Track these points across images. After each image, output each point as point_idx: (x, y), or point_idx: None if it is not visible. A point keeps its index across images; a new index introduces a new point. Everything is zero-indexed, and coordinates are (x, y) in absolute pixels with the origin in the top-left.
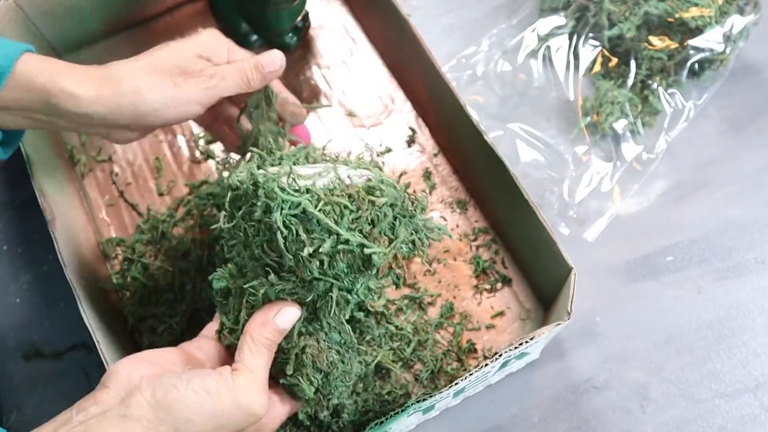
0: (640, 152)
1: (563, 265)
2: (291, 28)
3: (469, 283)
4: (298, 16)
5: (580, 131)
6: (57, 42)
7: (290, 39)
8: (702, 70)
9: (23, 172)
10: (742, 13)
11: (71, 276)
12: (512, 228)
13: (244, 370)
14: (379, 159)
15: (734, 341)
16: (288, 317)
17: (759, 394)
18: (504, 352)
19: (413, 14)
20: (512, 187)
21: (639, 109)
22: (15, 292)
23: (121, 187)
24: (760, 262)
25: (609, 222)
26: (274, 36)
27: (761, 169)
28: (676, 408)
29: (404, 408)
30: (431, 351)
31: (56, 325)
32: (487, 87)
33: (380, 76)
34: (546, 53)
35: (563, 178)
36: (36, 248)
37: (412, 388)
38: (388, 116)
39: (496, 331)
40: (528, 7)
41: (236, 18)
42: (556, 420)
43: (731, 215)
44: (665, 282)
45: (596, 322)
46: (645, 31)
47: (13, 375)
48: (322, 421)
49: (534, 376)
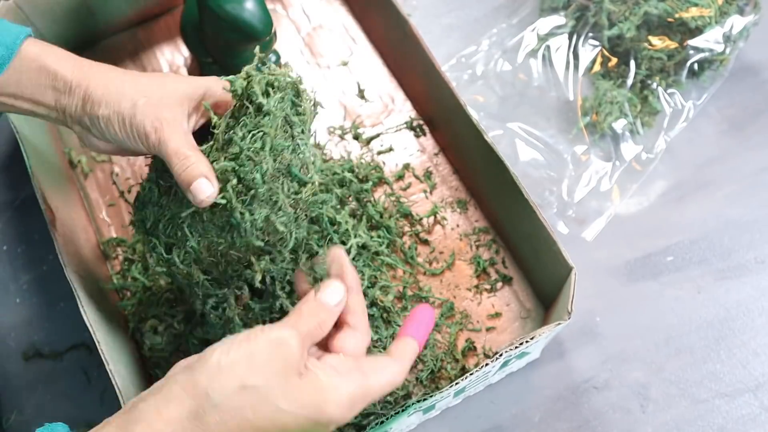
0: (640, 152)
1: (563, 264)
2: (255, 68)
3: (469, 283)
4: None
5: (579, 131)
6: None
7: None
8: (702, 70)
9: (23, 172)
10: (742, 14)
11: (71, 276)
12: (512, 227)
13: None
14: (380, 159)
15: (734, 341)
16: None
17: (759, 394)
18: (504, 352)
19: (413, 14)
20: (512, 186)
21: (638, 109)
22: (15, 292)
23: (121, 187)
24: (760, 262)
25: (608, 222)
26: (237, 73)
27: (761, 169)
28: (677, 408)
29: (405, 408)
30: (432, 351)
31: (56, 325)
32: (486, 86)
33: (380, 76)
34: (546, 53)
35: (562, 178)
36: (36, 248)
37: (413, 389)
38: (388, 116)
39: (496, 330)
40: (528, 7)
41: (200, 47)
42: (557, 420)
43: (731, 215)
44: (665, 282)
45: (596, 322)
46: (645, 31)
47: (13, 375)
48: None
49: (534, 376)
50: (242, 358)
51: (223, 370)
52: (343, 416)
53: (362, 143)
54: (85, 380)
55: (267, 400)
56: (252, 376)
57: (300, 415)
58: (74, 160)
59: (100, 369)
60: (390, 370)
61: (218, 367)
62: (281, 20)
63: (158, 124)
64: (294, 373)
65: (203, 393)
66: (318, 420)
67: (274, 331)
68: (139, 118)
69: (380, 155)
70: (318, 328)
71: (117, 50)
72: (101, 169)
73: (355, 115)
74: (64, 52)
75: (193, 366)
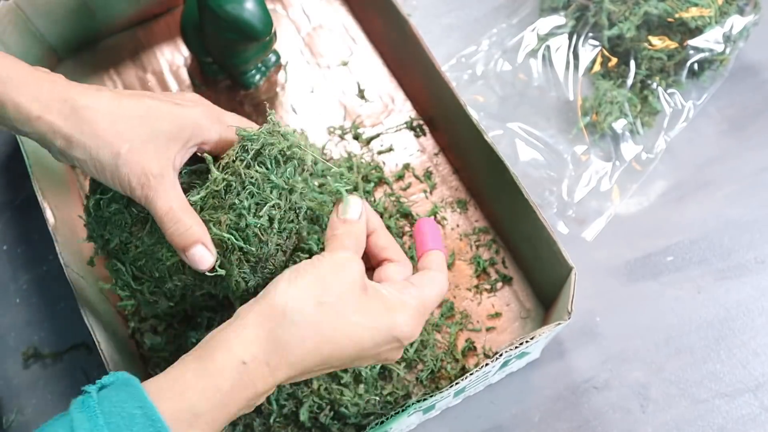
0: (640, 152)
1: (564, 264)
2: (254, 68)
3: (469, 283)
4: (262, 56)
5: (579, 131)
6: (57, 43)
7: (252, 77)
8: (702, 70)
9: (23, 172)
10: (742, 14)
11: (71, 276)
12: (512, 227)
13: None
14: (380, 159)
15: (734, 341)
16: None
17: (759, 394)
18: (504, 352)
19: (413, 14)
20: (512, 186)
21: (638, 108)
22: (15, 292)
23: None
24: (760, 262)
25: (608, 222)
26: (237, 73)
27: (761, 169)
28: (677, 408)
29: (405, 408)
30: (432, 351)
31: (56, 325)
32: (487, 86)
33: (380, 76)
34: (546, 53)
35: (562, 178)
36: (36, 248)
37: (413, 389)
38: (388, 116)
39: (496, 330)
40: (528, 7)
41: (200, 47)
42: (557, 420)
43: (731, 215)
44: (665, 282)
45: (596, 322)
46: (645, 31)
47: (13, 375)
48: (324, 423)
49: (534, 376)
50: (313, 279)
51: (298, 290)
52: (413, 330)
53: (362, 143)
54: (85, 380)
55: (343, 314)
56: (325, 294)
57: (374, 328)
58: None
59: (100, 369)
60: (437, 281)
61: (290, 290)
62: (281, 20)
63: (145, 179)
64: (361, 290)
65: (280, 313)
66: (391, 333)
67: (335, 254)
68: (123, 170)
69: (380, 155)
70: (357, 245)
71: (117, 50)
72: None
73: (355, 115)
74: (20, 64)
75: (263, 296)
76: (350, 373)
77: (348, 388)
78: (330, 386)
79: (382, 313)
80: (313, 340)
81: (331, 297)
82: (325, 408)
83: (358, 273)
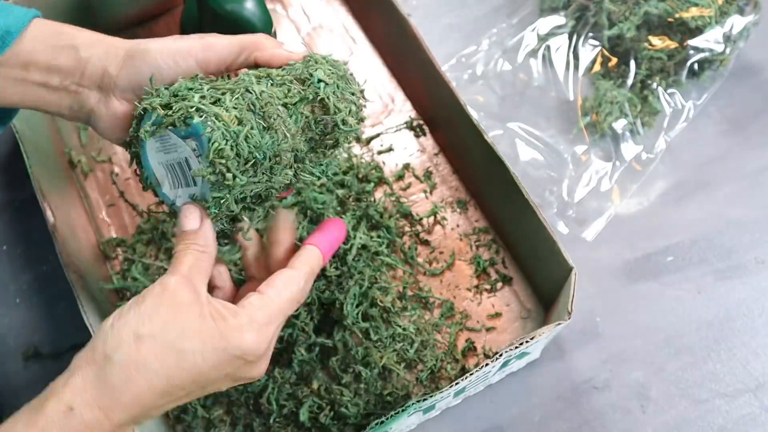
0: (640, 152)
1: (564, 264)
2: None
3: (469, 283)
4: None
5: (579, 131)
6: None
7: None
8: (702, 70)
9: (23, 172)
10: (742, 14)
11: (71, 276)
12: (512, 228)
13: None
14: (380, 159)
15: (734, 341)
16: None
17: (759, 394)
18: (504, 352)
19: (413, 14)
20: (512, 186)
21: (638, 109)
22: (15, 292)
23: (121, 188)
24: (760, 262)
25: (608, 222)
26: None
27: (761, 169)
28: (677, 408)
29: (405, 408)
30: (432, 351)
31: (56, 325)
32: (487, 86)
33: (380, 76)
34: (546, 53)
35: (562, 178)
36: (36, 248)
37: (413, 389)
38: (388, 116)
39: (496, 330)
40: (528, 7)
41: None
42: (557, 420)
43: (731, 215)
44: (665, 282)
45: (596, 322)
46: (645, 31)
47: (13, 375)
48: (324, 423)
49: (534, 376)
50: (132, 314)
51: (117, 328)
52: (257, 345)
53: (362, 143)
54: None
55: (168, 345)
56: (144, 326)
57: (209, 351)
58: (74, 160)
59: None
60: (294, 280)
61: (112, 329)
62: (281, 20)
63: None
64: (195, 315)
65: (102, 355)
66: (230, 353)
67: (164, 279)
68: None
69: (380, 155)
70: (197, 259)
71: None
72: (101, 169)
73: None
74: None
75: (92, 340)
76: (350, 373)
77: (348, 388)
78: (330, 386)
79: (217, 334)
80: (142, 377)
81: (153, 328)
82: (325, 408)
83: (183, 296)
